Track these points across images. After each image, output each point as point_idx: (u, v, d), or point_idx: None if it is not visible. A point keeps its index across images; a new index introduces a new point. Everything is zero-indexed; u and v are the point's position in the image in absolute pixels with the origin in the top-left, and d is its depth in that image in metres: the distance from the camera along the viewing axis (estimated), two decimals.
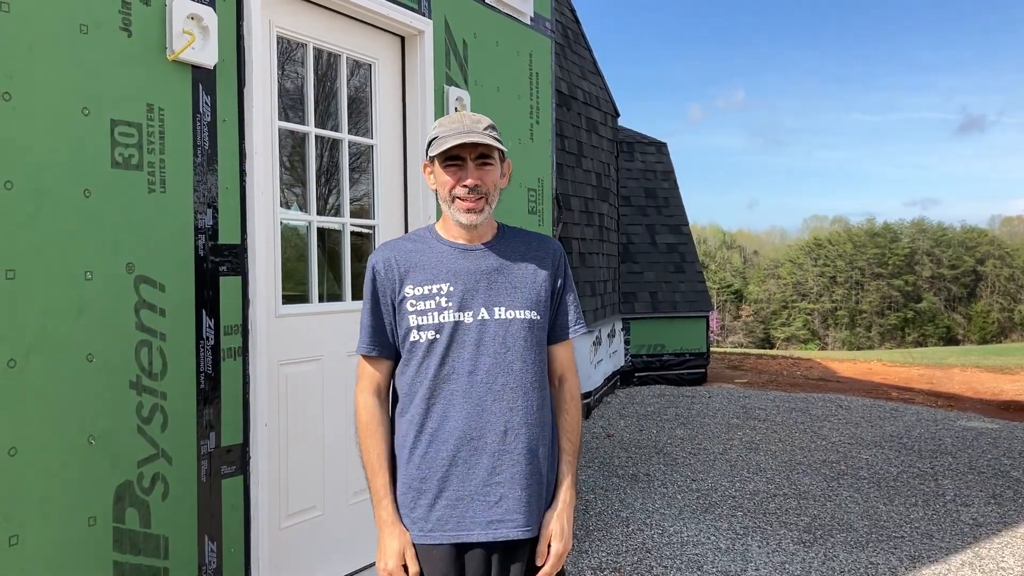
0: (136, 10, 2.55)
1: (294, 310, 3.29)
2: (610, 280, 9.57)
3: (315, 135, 3.45)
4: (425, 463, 1.99)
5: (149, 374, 2.58)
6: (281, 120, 3.26)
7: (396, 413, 2.06)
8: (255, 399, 2.93)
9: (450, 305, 1.99)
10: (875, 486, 5.67)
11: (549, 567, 2.03)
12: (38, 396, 2.29)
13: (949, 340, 50.45)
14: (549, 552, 2.03)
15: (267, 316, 3.08)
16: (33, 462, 2.28)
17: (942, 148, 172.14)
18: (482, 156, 2.01)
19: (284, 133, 3.32)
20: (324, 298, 3.54)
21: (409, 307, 2.01)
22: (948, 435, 7.35)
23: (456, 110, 3.95)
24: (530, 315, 2.03)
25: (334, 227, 3.63)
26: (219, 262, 2.82)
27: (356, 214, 3.73)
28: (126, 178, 2.52)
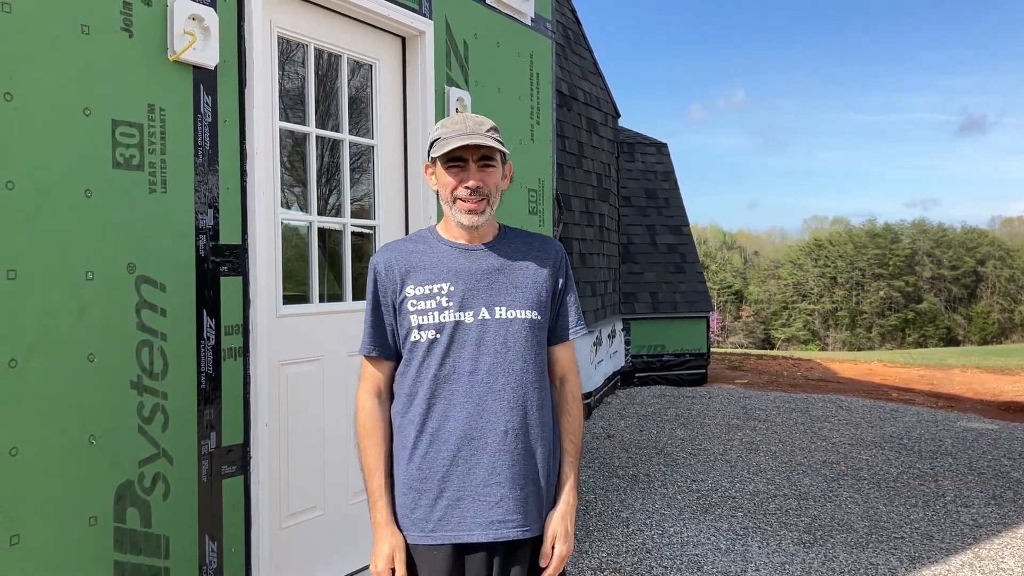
0: (137, 11, 2.56)
1: (295, 310, 3.29)
2: (610, 280, 9.57)
3: (316, 135, 3.45)
4: (426, 463, 1.99)
5: (150, 374, 2.58)
6: (282, 120, 3.26)
7: (397, 413, 2.06)
8: (256, 399, 2.93)
9: (451, 305, 1.99)
10: (875, 487, 5.67)
11: (552, 569, 2.03)
12: (39, 396, 2.29)
13: (949, 341, 50.44)
14: (553, 553, 2.03)
15: (268, 316, 3.08)
16: (34, 462, 2.28)
17: (943, 149, 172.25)
18: (484, 158, 2.01)
19: (285, 133, 3.33)
20: (325, 298, 3.54)
21: (410, 307, 2.01)
22: (948, 436, 7.35)
23: (457, 111, 3.95)
24: (531, 315, 2.03)
25: (335, 227, 3.63)
26: (220, 262, 2.83)
27: (357, 214, 3.74)
28: (127, 178, 2.53)
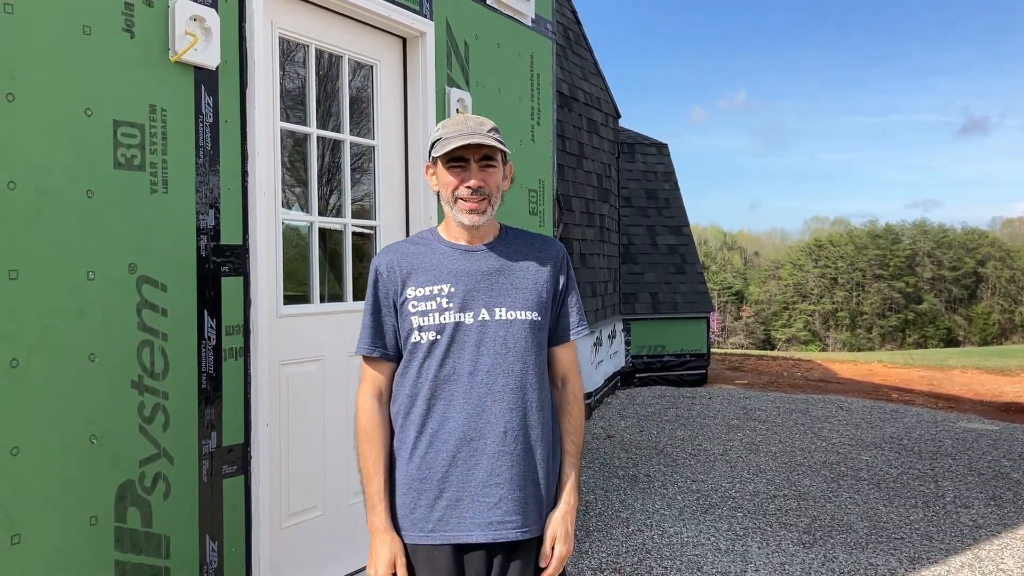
0: (139, 12, 2.56)
1: (295, 310, 3.30)
2: (611, 281, 9.57)
3: (317, 136, 3.46)
4: (425, 463, 2.00)
5: (151, 374, 2.59)
6: (283, 121, 3.27)
7: (397, 413, 2.06)
8: (256, 399, 2.94)
9: (451, 306, 2.00)
10: (875, 487, 5.67)
11: (552, 569, 2.03)
12: (40, 396, 2.30)
13: (950, 342, 50.44)
14: (553, 554, 2.03)
15: (268, 316, 3.08)
16: (35, 462, 2.28)
17: (944, 150, 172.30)
18: (486, 158, 2.02)
19: (286, 134, 3.33)
20: (325, 298, 3.55)
21: (411, 308, 2.01)
22: (948, 437, 7.35)
23: (457, 111, 3.95)
24: (531, 316, 2.03)
25: (335, 227, 3.64)
26: (221, 262, 2.83)
27: (357, 215, 3.74)
28: (128, 178, 2.53)
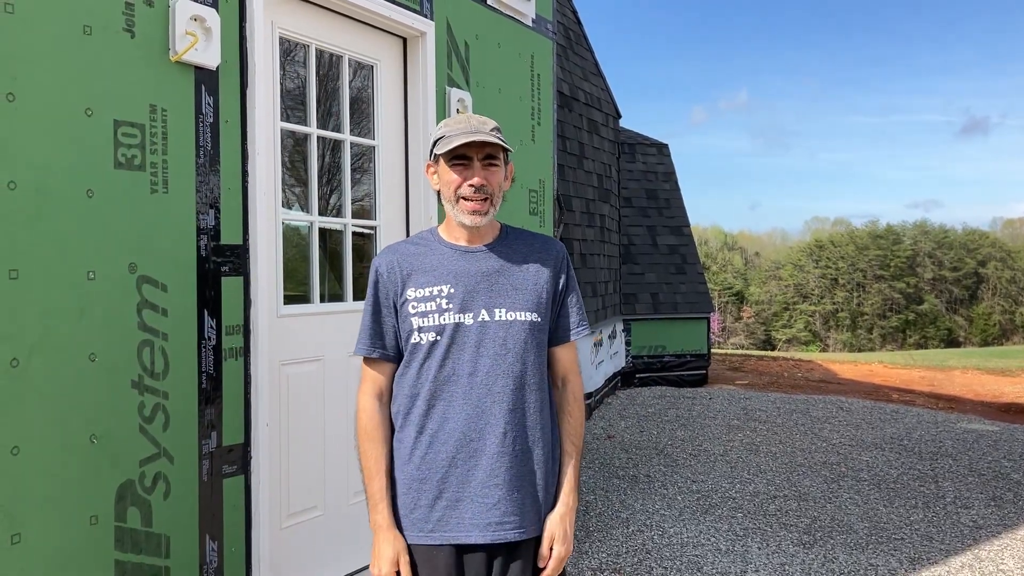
0: (139, 12, 2.56)
1: (296, 310, 3.30)
2: (611, 281, 9.57)
3: (317, 136, 3.46)
4: (425, 464, 2.00)
5: (151, 374, 2.59)
6: (283, 121, 3.27)
7: (397, 413, 2.06)
8: (256, 399, 2.94)
9: (451, 307, 2.00)
10: (875, 488, 5.67)
11: (551, 570, 2.03)
12: (40, 395, 2.30)
13: (950, 342, 50.43)
14: (551, 555, 2.03)
15: (269, 316, 3.09)
16: (35, 461, 2.29)
17: (945, 150, 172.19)
18: (488, 157, 2.02)
19: (286, 134, 3.33)
20: (325, 298, 3.55)
21: (411, 309, 2.01)
22: (949, 437, 7.35)
23: (458, 111, 3.96)
24: (531, 317, 2.03)
25: (335, 227, 3.64)
26: (221, 262, 2.83)
27: (357, 215, 3.74)
28: (129, 178, 2.53)
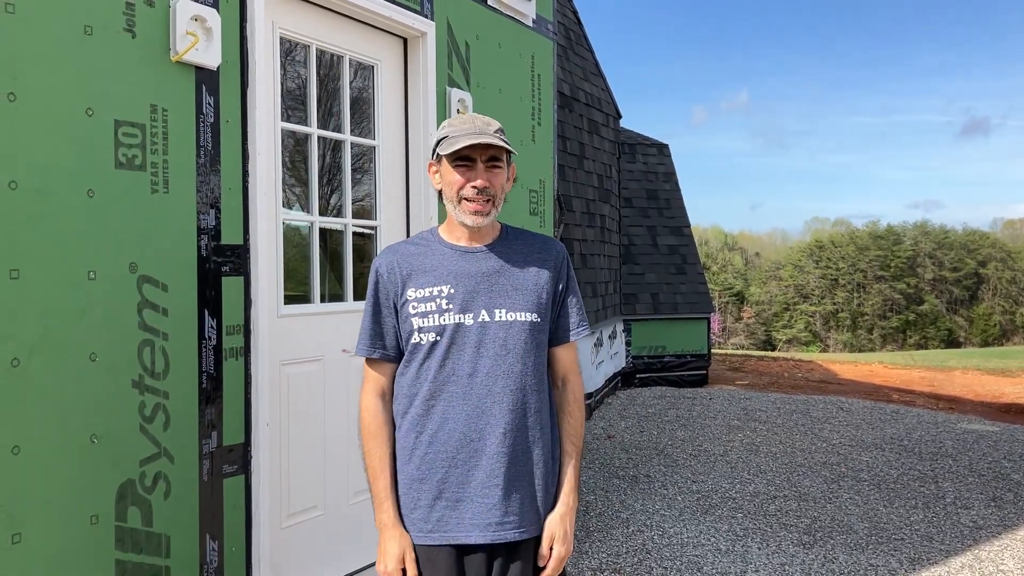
0: (140, 12, 2.56)
1: (296, 310, 3.30)
2: (611, 281, 9.58)
3: (318, 136, 3.46)
4: (425, 464, 2.00)
5: (152, 373, 2.59)
6: (284, 121, 3.27)
7: (397, 413, 2.07)
8: (257, 399, 2.94)
9: (451, 307, 2.00)
10: (875, 488, 5.67)
11: (550, 570, 2.03)
12: (41, 395, 2.30)
13: (950, 343, 50.43)
14: (551, 555, 2.03)
15: (269, 316, 3.09)
16: (36, 461, 2.29)
17: (945, 151, 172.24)
18: (492, 159, 2.02)
19: (287, 134, 3.33)
20: (326, 298, 3.55)
21: (411, 309, 2.02)
22: (949, 438, 7.35)
23: (458, 111, 3.96)
24: (531, 317, 2.03)
25: (336, 227, 3.64)
26: (221, 262, 2.83)
27: (358, 215, 3.75)
28: (129, 178, 2.53)
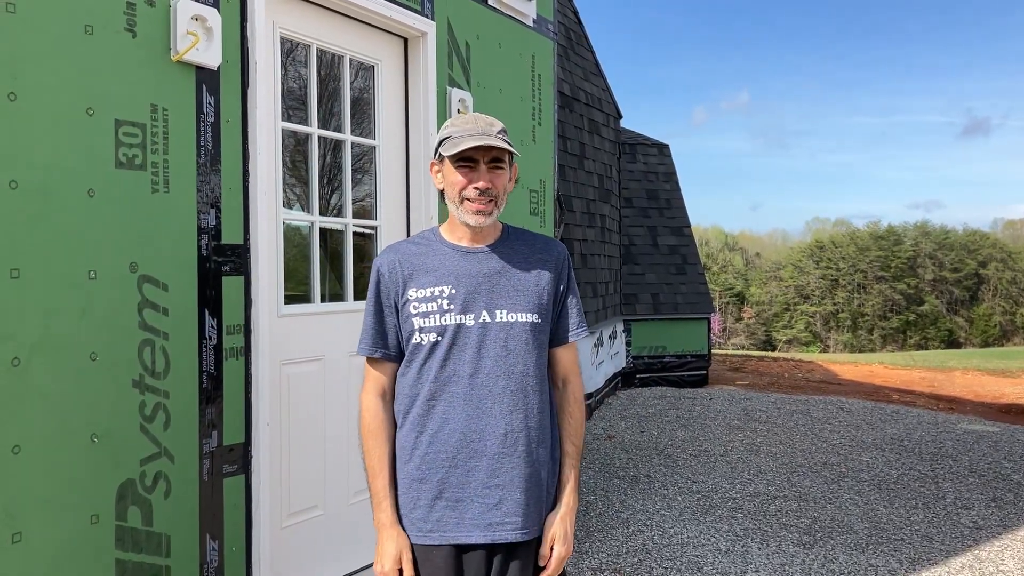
0: (141, 11, 2.56)
1: (296, 310, 3.30)
2: (611, 281, 9.57)
3: (318, 136, 3.46)
4: (425, 464, 2.00)
5: (152, 373, 2.59)
6: (284, 121, 3.27)
7: (398, 413, 2.07)
8: (257, 399, 2.94)
9: (452, 307, 2.00)
10: (876, 488, 5.67)
11: (551, 570, 2.03)
12: (41, 395, 2.30)
13: (951, 343, 50.43)
14: (551, 555, 2.04)
15: (269, 316, 3.09)
16: (36, 460, 2.29)
17: (946, 151, 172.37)
18: (495, 159, 2.02)
19: (287, 133, 3.33)
20: (326, 298, 3.55)
21: (412, 309, 2.02)
22: (949, 438, 7.35)
23: (459, 111, 3.96)
24: (532, 318, 2.03)
25: (336, 227, 3.64)
26: (222, 262, 2.84)
27: (358, 215, 3.75)
28: (130, 178, 2.53)
